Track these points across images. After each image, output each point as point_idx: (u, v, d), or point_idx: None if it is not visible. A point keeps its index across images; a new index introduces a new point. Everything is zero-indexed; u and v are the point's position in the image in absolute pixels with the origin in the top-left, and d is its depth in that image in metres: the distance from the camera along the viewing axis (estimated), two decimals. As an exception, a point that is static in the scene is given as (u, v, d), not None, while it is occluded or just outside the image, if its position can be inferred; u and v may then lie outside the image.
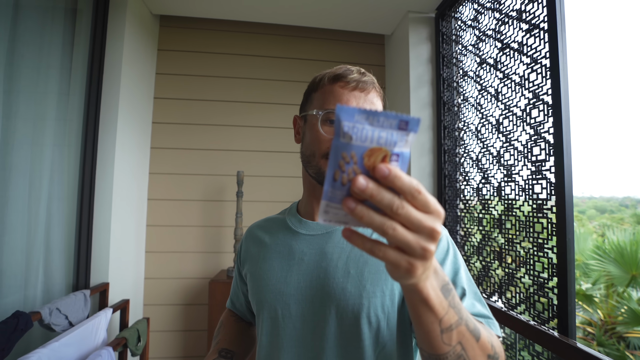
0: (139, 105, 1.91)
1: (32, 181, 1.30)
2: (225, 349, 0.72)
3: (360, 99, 0.61)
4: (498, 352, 0.46)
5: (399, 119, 0.28)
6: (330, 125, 0.61)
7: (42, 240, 1.34)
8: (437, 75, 1.91)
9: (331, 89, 0.62)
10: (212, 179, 2.12)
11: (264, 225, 0.74)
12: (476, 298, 0.57)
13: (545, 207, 1.16)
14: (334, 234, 0.65)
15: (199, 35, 2.17)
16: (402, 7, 1.93)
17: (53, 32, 1.41)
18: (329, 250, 0.62)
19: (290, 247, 0.65)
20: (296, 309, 0.61)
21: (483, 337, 0.44)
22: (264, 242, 0.70)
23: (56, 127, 1.43)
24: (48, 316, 1.21)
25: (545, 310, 1.15)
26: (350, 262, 0.60)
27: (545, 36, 1.16)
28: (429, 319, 0.39)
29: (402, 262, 0.30)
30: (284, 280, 0.63)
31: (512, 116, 1.34)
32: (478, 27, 1.58)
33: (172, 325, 2.02)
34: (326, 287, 0.59)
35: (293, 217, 0.70)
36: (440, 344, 0.41)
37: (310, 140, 0.64)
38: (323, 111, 0.61)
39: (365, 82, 0.62)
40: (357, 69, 0.63)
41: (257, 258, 0.69)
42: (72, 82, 1.52)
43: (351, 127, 0.28)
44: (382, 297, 0.57)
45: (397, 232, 0.29)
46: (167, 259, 2.05)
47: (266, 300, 0.63)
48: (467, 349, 0.42)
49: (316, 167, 0.63)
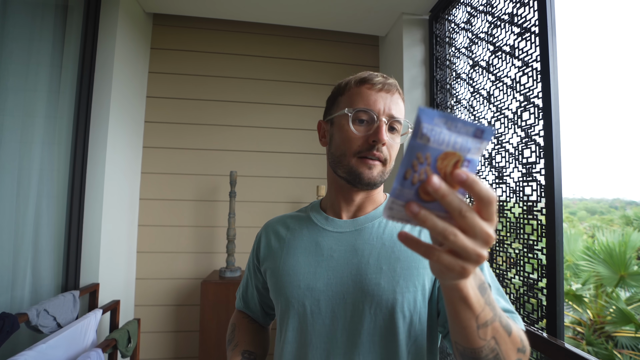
0: (131, 104, 1.89)
1: (20, 180, 1.28)
2: (247, 350, 0.71)
3: (387, 99, 0.62)
4: (526, 345, 0.48)
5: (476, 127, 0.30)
6: (359, 124, 0.62)
7: (30, 240, 1.32)
8: (430, 77, 1.92)
9: (359, 91, 0.63)
10: (205, 179, 2.11)
11: (285, 221, 0.74)
12: (499, 294, 0.59)
13: (535, 209, 1.17)
14: (363, 231, 0.65)
15: (193, 34, 2.16)
16: (396, 9, 1.94)
17: (43, 29, 1.39)
18: (360, 247, 0.63)
19: (318, 243, 0.66)
20: (326, 305, 0.61)
21: (514, 331, 0.47)
22: (287, 238, 0.70)
23: (46, 125, 1.41)
24: (35, 318, 1.20)
25: (535, 311, 1.16)
26: (382, 259, 0.61)
27: (536, 40, 1.18)
28: (467, 316, 0.41)
29: (456, 266, 0.32)
30: (313, 276, 0.63)
31: (503, 118, 1.35)
32: (471, 30, 1.59)
33: (164, 326, 2.01)
34: (359, 283, 0.60)
35: (318, 214, 0.71)
36: (477, 338, 0.43)
37: (340, 141, 0.64)
38: (354, 110, 0.62)
39: (390, 84, 0.64)
40: (380, 74, 0.65)
41: (280, 254, 0.69)
42: (62, 79, 1.50)
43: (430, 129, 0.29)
44: (415, 291, 0.59)
45: (458, 238, 0.31)
46: (159, 259, 2.03)
47: (293, 296, 0.63)
48: (500, 343, 0.44)
49: (347, 167, 0.63)
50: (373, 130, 0.61)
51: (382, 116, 0.61)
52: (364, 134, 0.62)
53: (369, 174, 0.62)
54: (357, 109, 0.62)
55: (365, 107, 0.62)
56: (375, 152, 0.61)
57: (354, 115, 0.62)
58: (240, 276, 1.88)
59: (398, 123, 0.63)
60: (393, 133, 0.63)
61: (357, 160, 0.62)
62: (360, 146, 0.62)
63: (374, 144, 0.61)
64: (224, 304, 1.75)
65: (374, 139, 0.60)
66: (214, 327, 1.74)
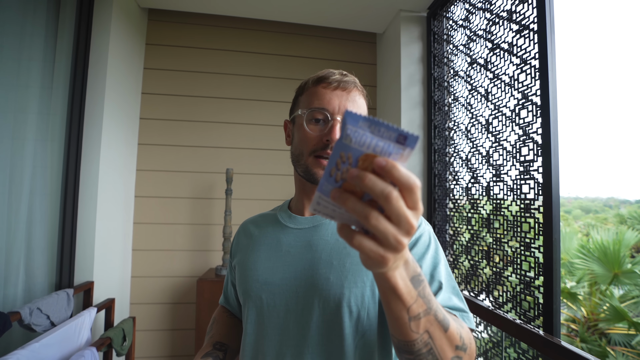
0: (126, 101, 1.87)
1: (13, 177, 1.26)
2: (219, 342, 0.73)
3: (343, 97, 0.64)
4: (467, 343, 0.48)
5: (399, 132, 0.30)
6: (315, 123, 0.64)
7: (23, 237, 1.31)
8: (428, 75, 1.92)
9: (315, 90, 0.65)
10: (201, 176, 2.09)
11: (257, 220, 0.77)
12: (454, 292, 0.59)
13: (532, 207, 1.17)
14: (320, 227, 0.67)
15: (188, 30, 2.13)
16: (394, 6, 1.93)
17: (35, 24, 1.36)
18: (314, 243, 0.65)
19: (279, 240, 0.68)
20: (281, 299, 0.63)
21: (452, 328, 0.46)
22: (254, 235, 0.73)
23: (39, 122, 1.38)
24: (28, 316, 1.18)
25: (531, 309, 1.17)
26: (333, 254, 0.63)
27: (534, 37, 1.17)
28: (398, 307, 0.41)
29: (375, 253, 0.32)
30: (271, 271, 0.65)
31: (501, 116, 1.35)
32: (469, 27, 1.59)
33: (160, 324, 1.99)
34: (310, 278, 0.61)
35: (284, 213, 0.73)
36: (409, 331, 0.43)
37: (298, 140, 0.67)
38: (308, 110, 0.64)
39: (347, 82, 0.65)
40: (339, 72, 0.66)
41: (246, 250, 0.72)
42: (55, 75, 1.48)
43: (353, 131, 0.30)
44: (363, 287, 0.60)
45: (380, 222, 0.30)
46: (154, 257, 2.02)
47: (252, 289, 0.65)
48: (435, 337, 0.44)
49: (304, 166, 0.65)
50: (327, 129, 0.62)
51: (337, 115, 0.62)
52: (318, 133, 0.63)
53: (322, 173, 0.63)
54: (311, 109, 0.63)
55: (319, 107, 0.63)
56: (329, 151, 0.62)
57: (309, 115, 0.64)
58: (237, 274, 1.87)
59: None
60: None
61: (313, 160, 0.64)
62: (315, 145, 0.63)
63: (328, 143, 0.62)
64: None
65: (327, 138, 0.62)
66: (210, 325, 1.73)
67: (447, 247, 1.74)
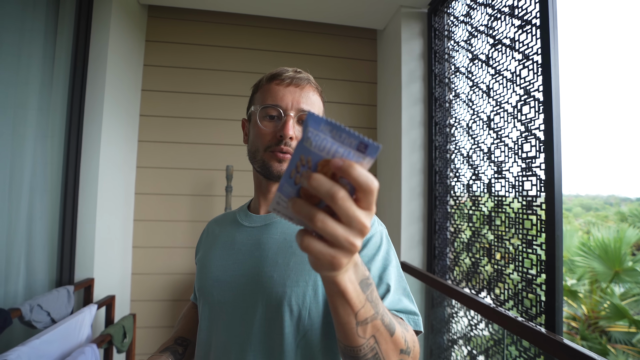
0: (126, 97, 1.86)
1: (13, 174, 1.26)
2: (181, 337, 0.74)
3: (295, 93, 0.64)
4: (411, 346, 0.48)
5: (360, 140, 0.29)
6: (269, 120, 0.64)
7: (24, 234, 1.30)
8: (429, 71, 1.91)
9: (268, 87, 0.66)
10: (201, 173, 2.09)
11: (219, 219, 0.79)
12: (404, 294, 0.59)
13: (534, 204, 1.17)
14: (271, 226, 0.67)
15: (188, 26, 2.12)
16: (394, 2, 1.91)
17: (35, 20, 1.35)
18: (264, 241, 0.65)
19: (233, 238, 0.69)
20: (229, 295, 0.63)
21: (397, 332, 0.46)
22: (215, 234, 0.74)
23: (39, 119, 1.38)
24: (29, 313, 1.18)
25: (533, 307, 1.16)
26: (279, 252, 0.63)
27: (537, 32, 1.16)
28: (346, 311, 0.40)
29: (326, 255, 0.31)
30: (223, 268, 0.66)
31: (503, 112, 1.34)
32: (470, 23, 1.58)
33: (160, 321, 2.00)
34: (256, 275, 0.62)
35: (242, 212, 0.74)
36: (355, 336, 0.42)
37: (253, 137, 0.67)
38: (261, 106, 0.64)
39: (300, 79, 0.65)
40: (293, 69, 0.67)
41: (206, 248, 0.73)
42: (55, 72, 1.47)
43: (314, 134, 0.29)
44: (305, 287, 0.59)
45: (327, 224, 0.29)
46: (154, 254, 2.01)
47: (206, 287, 0.66)
48: (380, 342, 0.44)
49: (260, 161, 0.65)
50: (280, 125, 0.63)
51: (290, 111, 0.63)
52: (272, 129, 0.64)
53: (279, 167, 0.64)
54: (264, 105, 0.64)
55: (272, 103, 0.63)
56: (283, 146, 0.63)
57: (263, 112, 0.64)
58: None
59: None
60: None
61: (269, 155, 0.64)
62: (269, 141, 0.64)
63: (282, 138, 0.62)
64: (221, 299, 1.74)
65: (281, 134, 0.62)
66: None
67: (448, 245, 1.74)
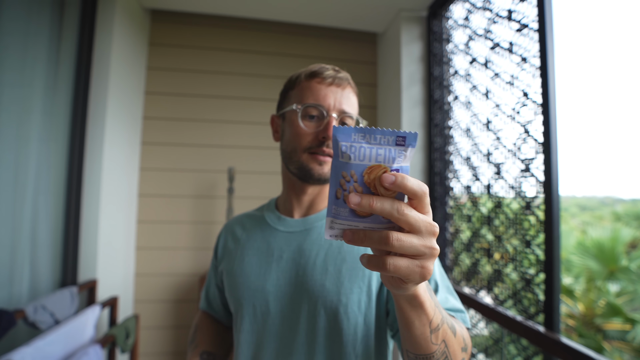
0: (129, 100, 1.87)
1: (17, 176, 1.27)
2: (206, 351, 0.68)
3: (337, 93, 0.61)
4: (467, 343, 0.49)
5: (396, 135, 0.29)
6: (309, 119, 0.61)
7: (28, 235, 1.31)
8: (428, 74, 1.93)
9: (308, 85, 0.62)
10: (204, 175, 2.10)
11: (243, 221, 0.73)
12: (449, 292, 0.58)
13: (533, 205, 1.19)
14: (312, 231, 0.64)
15: (191, 30, 2.13)
16: (394, 5, 1.94)
17: (39, 23, 1.36)
18: (307, 248, 0.62)
19: (269, 244, 0.65)
20: (275, 305, 0.60)
21: (458, 331, 0.46)
22: (241, 239, 0.69)
23: (43, 121, 1.39)
24: (33, 314, 1.19)
25: (532, 306, 1.18)
26: (328, 259, 0.60)
27: (535, 36, 1.19)
28: (422, 322, 0.40)
29: (415, 268, 0.30)
30: (263, 277, 0.62)
31: (501, 114, 1.36)
32: (469, 27, 1.60)
33: (163, 321, 2.01)
34: (305, 284, 0.59)
35: (272, 214, 0.69)
36: (430, 344, 0.42)
37: (290, 136, 0.63)
38: (302, 105, 0.61)
39: (341, 79, 0.63)
40: (331, 67, 0.64)
41: (234, 255, 0.68)
42: (59, 74, 1.48)
43: (349, 146, 0.29)
44: (360, 293, 0.58)
45: (403, 241, 0.29)
46: (157, 255, 2.02)
47: (244, 297, 0.62)
48: (449, 345, 0.44)
49: (298, 163, 0.62)
50: (323, 126, 0.60)
51: (332, 111, 0.60)
52: (313, 129, 0.61)
53: (320, 169, 0.61)
54: (306, 105, 0.61)
55: (315, 103, 0.60)
56: (325, 148, 0.60)
57: (304, 111, 0.61)
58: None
59: (350, 118, 0.62)
60: None
61: (308, 156, 0.61)
62: (310, 142, 0.61)
63: (324, 140, 0.60)
64: (223, 299, 1.75)
65: (324, 135, 0.60)
66: (213, 322, 1.75)
67: (447, 245, 1.76)
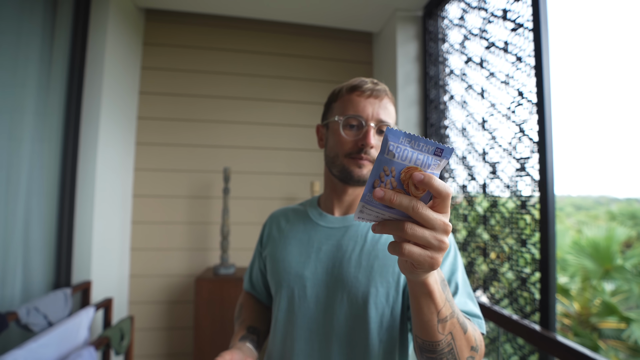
0: (123, 100, 1.86)
1: (9, 176, 1.25)
2: (251, 326, 0.77)
3: (375, 105, 0.69)
4: (479, 344, 0.54)
5: (436, 146, 0.34)
6: (350, 129, 0.69)
7: (20, 237, 1.30)
8: (424, 73, 1.93)
9: (349, 98, 0.70)
10: (199, 175, 2.09)
11: (287, 214, 0.82)
12: (469, 297, 0.64)
13: (528, 204, 1.19)
14: (350, 228, 0.72)
15: (186, 29, 2.12)
16: (389, 5, 1.94)
17: (32, 22, 1.35)
18: (345, 243, 0.70)
19: (310, 237, 0.73)
20: (311, 291, 0.68)
21: (469, 330, 0.52)
22: (286, 229, 0.78)
23: (35, 121, 1.37)
24: (25, 316, 1.17)
25: (528, 305, 1.19)
26: (363, 255, 0.68)
27: (530, 35, 1.19)
28: (430, 310, 0.46)
29: (424, 256, 0.36)
30: (303, 265, 0.70)
31: (497, 114, 1.37)
32: (464, 26, 1.60)
33: (158, 323, 1.99)
34: (340, 275, 0.67)
35: (314, 210, 0.78)
36: (436, 332, 0.48)
37: (333, 144, 0.72)
38: (344, 117, 0.69)
39: (379, 91, 0.70)
40: (370, 80, 0.71)
41: (278, 242, 0.77)
42: (52, 74, 1.46)
43: (395, 147, 0.34)
44: (388, 287, 0.65)
45: (415, 230, 0.35)
46: (152, 256, 2.01)
47: (285, 280, 0.71)
48: (456, 338, 0.49)
49: (340, 166, 0.70)
50: (362, 134, 0.68)
51: (371, 121, 0.68)
52: (353, 138, 0.68)
53: (359, 172, 0.69)
54: (347, 116, 0.68)
55: (354, 114, 0.68)
56: (363, 154, 0.68)
57: (345, 122, 0.69)
58: (235, 273, 1.88)
59: (387, 126, 0.68)
60: (382, 135, 0.69)
61: (349, 160, 0.69)
62: (351, 149, 0.69)
63: (363, 147, 0.67)
64: (218, 301, 1.74)
65: (363, 143, 0.67)
66: (208, 324, 1.73)
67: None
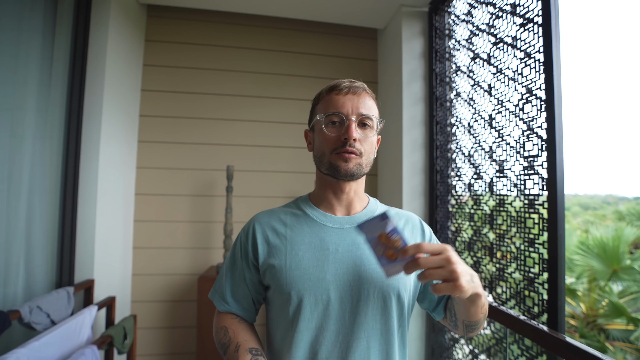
0: (125, 97, 1.85)
1: (12, 174, 1.25)
2: (253, 348, 0.71)
3: (354, 100, 0.72)
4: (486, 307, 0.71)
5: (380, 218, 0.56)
6: (332, 126, 0.72)
7: (23, 236, 1.29)
8: (429, 70, 1.90)
9: (329, 97, 0.73)
10: (202, 173, 2.08)
11: (279, 217, 0.78)
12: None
13: (537, 203, 1.16)
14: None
15: (188, 26, 2.11)
16: (395, 1, 1.91)
17: (33, 19, 1.34)
18: (361, 241, 0.73)
19: (322, 239, 0.73)
20: (335, 293, 0.69)
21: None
22: (287, 235, 0.75)
23: (37, 119, 1.37)
24: (28, 314, 1.17)
25: (535, 305, 1.16)
26: None
27: (539, 30, 1.16)
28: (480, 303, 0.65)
29: (443, 272, 0.53)
30: (321, 268, 0.70)
31: (504, 111, 1.34)
32: (472, 22, 1.57)
33: (161, 322, 1.99)
34: (362, 272, 0.70)
35: (315, 211, 0.77)
36: (480, 314, 0.68)
37: (319, 143, 0.74)
38: (325, 114, 0.72)
39: (357, 87, 0.73)
40: (348, 80, 0.75)
41: (283, 250, 0.73)
42: (53, 71, 1.46)
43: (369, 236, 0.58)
44: (407, 278, 0.73)
45: (426, 259, 0.53)
46: (155, 255, 2.00)
47: (305, 289, 0.69)
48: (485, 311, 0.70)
49: (327, 163, 0.72)
50: (344, 129, 0.70)
51: (351, 116, 0.70)
52: (337, 133, 0.71)
53: (346, 166, 0.71)
54: (328, 113, 0.72)
55: (335, 111, 0.71)
56: (348, 147, 0.70)
57: (326, 119, 0.72)
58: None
59: (369, 119, 0.72)
60: (365, 129, 0.72)
61: (335, 156, 0.71)
62: (335, 144, 0.71)
63: (346, 140, 0.70)
64: (222, 299, 1.73)
65: (345, 136, 0.70)
66: (210, 323, 1.73)
67: (449, 244, 1.73)
